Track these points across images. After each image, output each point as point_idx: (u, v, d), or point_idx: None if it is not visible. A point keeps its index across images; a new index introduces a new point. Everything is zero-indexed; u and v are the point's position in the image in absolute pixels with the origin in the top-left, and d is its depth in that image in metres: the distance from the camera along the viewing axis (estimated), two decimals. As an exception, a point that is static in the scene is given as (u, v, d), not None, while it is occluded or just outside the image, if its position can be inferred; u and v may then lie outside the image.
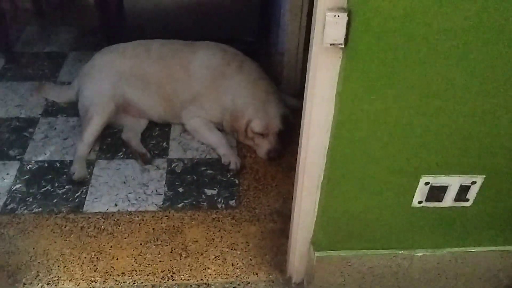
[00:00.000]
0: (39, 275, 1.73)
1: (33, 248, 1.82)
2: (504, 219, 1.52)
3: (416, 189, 1.41)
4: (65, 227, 1.90)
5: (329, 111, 1.26)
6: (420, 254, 1.58)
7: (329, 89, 1.22)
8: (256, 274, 1.77)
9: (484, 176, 1.39)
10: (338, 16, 1.08)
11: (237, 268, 1.78)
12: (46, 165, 2.16)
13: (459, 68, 1.15)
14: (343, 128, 1.28)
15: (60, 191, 2.04)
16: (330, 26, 1.09)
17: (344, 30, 1.09)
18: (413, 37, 1.10)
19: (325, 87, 1.22)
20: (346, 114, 1.25)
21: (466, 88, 1.19)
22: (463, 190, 1.42)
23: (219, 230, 1.92)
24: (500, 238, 1.57)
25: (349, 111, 1.24)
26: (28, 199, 2.00)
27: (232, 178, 2.15)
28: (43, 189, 2.05)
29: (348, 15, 1.08)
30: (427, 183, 1.40)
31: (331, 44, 1.12)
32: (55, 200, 2.00)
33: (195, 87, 2.28)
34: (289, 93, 2.53)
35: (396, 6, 1.06)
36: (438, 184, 1.40)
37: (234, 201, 2.04)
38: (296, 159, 2.20)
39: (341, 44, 1.12)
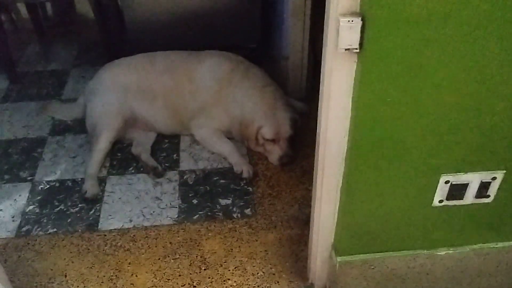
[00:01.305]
0: (59, 296, 1.72)
1: (51, 270, 1.81)
2: (526, 213, 1.50)
3: (436, 189, 1.40)
4: (81, 246, 1.89)
5: (346, 116, 1.25)
6: (442, 253, 1.57)
7: (345, 94, 1.21)
8: (277, 282, 1.76)
9: (505, 171, 1.37)
10: (352, 21, 1.07)
11: (258, 278, 1.77)
12: (58, 184, 2.15)
13: (476, 66, 1.14)
14: (360, 132, 1.27)
15: (74, 210, 2.03)
16: (344, 31, 1.08)
17: (358, 35, 1.08)
18: (428, 38, 1.09)
19: (340, 92, 1.21)
20: (363, 117, 1.24)
21: (483, 85, 1.18)
22: (484, 187, 1.41)
23: (237, 240, 1.90)
24: (523, 233, 1.55)
25: (366, 115, 1.23)
26: (42, 220, 1.99)
27: (246, 187, 2.14)
28: (56, 209, 2.04)
29: (362, 20, 1.07)
30: (447, 182, 1.38)
31: (345, 49, 1.11)
32: (70, 219, 1.99)
33: (203, 97, 2.27)
34: (295, 97, 2.52)
35: (409, 9, 1.05)
36: (459, 182, 1.39)
37: (249, 209, 2.03)
38: (308, 163, 2.22)
39: (356, 49, 1.11)
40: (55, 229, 1.95)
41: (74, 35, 3.29)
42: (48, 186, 2.14)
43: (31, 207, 2.04)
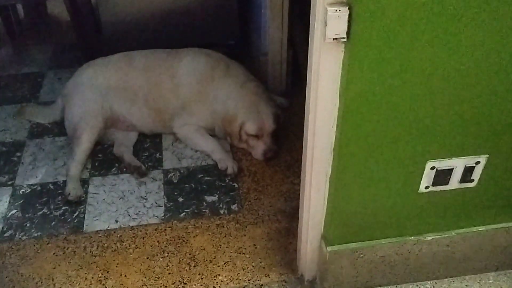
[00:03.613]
0: (47, 300, 1.69)
1: (38, 274, 1.77)
2: (508, 196, 1.54)
3: (422, 175, 1.43)
4: (67, 249, 1.86)
5: (334, 105, 1.26)
6: (429, 238, 1.60)
7: (333, 84, 1.22)
8: (268, 275, 1.76)
9: (488, 155, 1.41)
10: (340, 10, 1.08)
11: (248, 272, 1.77)
12: (39, 188, 2.11)
13: (461, 52, 1.17)
14: (348, 122, 1.28)
15: (57, 213, 2.00)
16: (332, 21, 1.09)
17: (346, 24, 1.10)
18: (414, 25, 1.11)
19: (328, 82, 1.22)
20: (351, 107, 1.25)
21: (467, 71, 1.21)
22: (468, 171, 1.44)
23: (225, 236, 1.90)
24: (506, 215, 1.59)
25: (354, 104, 1.25)
26: (25, 224, 1.95)
27: (231, 183, 2.13)
28: (39, 213, 2.00)
29: (349, 9, 1.08)
30: (433, 168, 1.41)
31: (333, 39, 1.13)
32: (54, 222, 1.96)
33: (184, 95, 2.26)
34: (276, 92, 2.54)
35: (395, -4, 1.07)
36: (444, 168, 1.42)
37: (236, 205, 2.03)
38: (292, 157, 2.24)
39: (344, 38, 1.12)
40: (39, 233, 1.92)
41: (48, 36, 3.23)
42: (29, 190, 2.10)
43: (13, 212, 2.00)
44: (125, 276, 1.76)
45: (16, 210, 2.01)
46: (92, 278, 1.76)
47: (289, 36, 2.42)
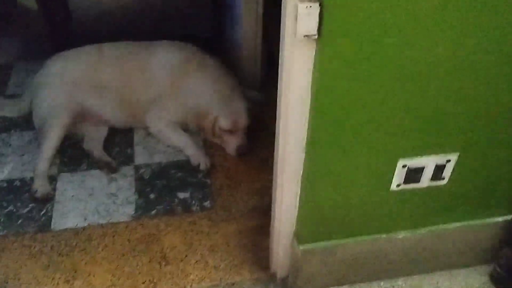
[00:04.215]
0: (12, 301, 1.64)
1: (3, 273, 1.72)
2: (478, 194, 1.56)
3: (394, 173, 1.42)
4: (34, 248, 1.81)
5: (305, 103, 1.24)
6: (401, 236, 1.60)
7: (304, 81, 1.20)
8: (240, 274, 1.74)
9: (458, 153, 1.41)
10: (310, 7, 1.05)
11: (220, 270, 1.75)
12: (5, 184, 2.04)
13: (430, 50, 1.16)
14: (320, 119, 1.26)
15: (24, 211, 1.94)
16: (302, 18, 1.07)
17: (317, 21, 1.07)
18: (384, 22, 1.10)
19: (300, 80, 1.20)
20: (322, 104, 1.23)
21: (436, 70, 1.20)
22: (439, 169, 1.44)
23: (197, 234, 1.87)
24: (476, 212, 1.61)
25: (325, 101, 1.23)
26: (-10, 222, 1.89)
27: (204, 179, 2.10)
28: (5, 210, 1.93)
29: (320, 5, 1.06)
30: (404, 166, 1.41)
31: (304, 36, 1.10)
32: (20, 220, 1.90)
33: (156, 89, 2.21)
34: (250, 86, 2.50)
35: (367, -7, 1.05)
36: (415, 166, 1.42)
37: (208, 202, 2.00)
38: (265, 152, 2.21)
39: (315, 35, 1.10)
40: (5, 231, 1.86)
41: (16, 26, 3.11)
42: (-5, 186, 2.04)
43: (-23, 209, 1.94)
44: (94, 276, 1.72)
45: (-20, 208, 1.95)
46: (60, 278, 1.71)
47: (263, 30, 2.38)
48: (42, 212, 1.94)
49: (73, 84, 2.20)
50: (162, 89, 2.22)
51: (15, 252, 1.79)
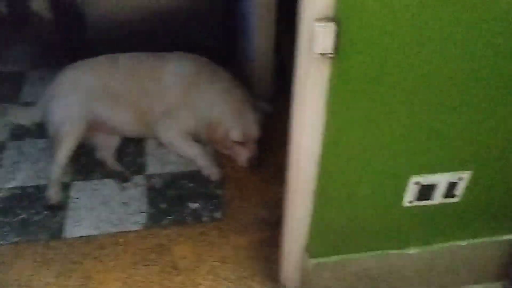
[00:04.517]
0: (24, 309, 1.66)
1: (16, 280, 1.73)
2: (490, 211, 1.55)
3: (406, 190, 1.43)
4: (47, 255, 1.82)
5: (320, 119, 1.25)
6: (412, 252, 1.60)
7: (319, 98, 1.21)
8: (250, 286, 1.75)
9: (471, 171, 1.42)
10: (327, 26, 1.07)
11: (230, 282, 1.76)
12: (19, 191, 2.07)
13: (446, 67, 1.17)
14: (333, 136, 1.28)
15: (37, 218, 1.96)
16: (319, 36, 1.08)
17: (333, 40, 1.09)
18: (400, 42, 1.11)
19: (314, 96, 1.21)
20: (336, 121, 1.25)
21: (451, 87, 1.21)
22: (451, 187, 1.45)
23: (207, 244, 1.88)
24: (488, 230, 1.60)
25: (339, 118, 1.24)
26: (3, 229, 1.91)
27: (215, 190, 2.12)
28: (18, 217, 1.95)
29: (336, 24, 1.07)
30: (417, 183, 1.42)
31: (320, 54, 1.12)
32: (33, 228, 1.92)
33: (168, 100, 2.24)
34: (261, 97, 2.52)
35: (383, 12, 1.06)
36: (427, 183, 1.42)
37: (219, 213, 2.01)
38: (276, 164, 2.22)
39: (331, 54, 1.11)
40: (18, 238, 1.87)
41: (31, 35, 3.16)
42: (9, 193, 2.05)
43: (-9, 216, 1.96)
44: (105, 284, 1.73)
45: (-6, 215, 1.97)
46: (72, 285, 1.73)
47: (276, 42, 2.40)
48: (55, 220, 1.96)
49: (87, 93, 2.22)
50: (174, 100, 2.24)
51: (28, 260, 1.81)
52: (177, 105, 2.24)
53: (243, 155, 2.19)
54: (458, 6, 1.07)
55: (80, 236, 1.90)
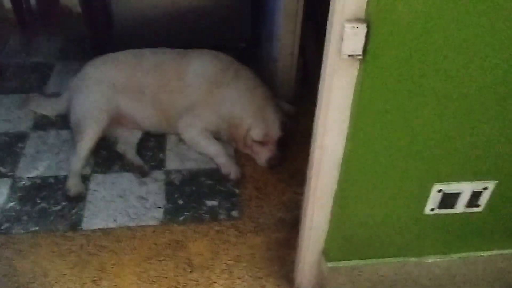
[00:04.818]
0: (40, 297, 1.67)
1: (32, 269, 1.75)
2: (513, 223, 1.52)
3: (428, 197, 1.41)
4: (63, 245, 1.84)
5: (345, 122, 1.24)
6: (430, 260, 1.58)
7: (345, 100, 1.20)
8: (264, 286, 1.74)
9: (496, 181, 1.39)
10: (357, 27, 1.06)
11: (244, 281, 1.75)
12: (40, 181, 2.09)
13: (478, 74, 1.15)
14: (358, 139, 1.26)
15: (56, 208, 1.98)
16: (348, 38, 1.07)
17: (363, 42, 1.08)
18: (431, 46, 1.09)
19: (341, 98, 1.20)
20: (361, 124, 1.23)
21: (482, 95, 1.19)
22: (475, 196, 1.42)
23: (224, 243, 1.88)
24: (509, 242, 1.57)
25: (365, 122, 1.23)
26: (23, 217, 1.93)
27: (232, 188, 2.11)
28: (38, 207, 1.98)
29: (367, 26, 1.06)
30: (439, 191, 1.39)
31: (349, 56, 1.10)
32: (52, 218, 1.94)
33: (191, 96, 2.24)
34: (284, 98, 2.51)
35: (415, 15, 1.04)
36: (451, 191, 1.40)
37: (236, 211, 2.01)
38: (295, 165, 2.21)
39: (360, 56, 1.10)
40: (36, 228, 1.90)
41: (59, 28, 3.20)
42: (29, 182, 2.08)
43: (11, 204, 1.98)
44: (120, 277, 1.74)
45: (14, 203, 1.99)
46: (87, 277, 1.74)
47: (301, 43, 2.39)
48: (74, 211, 1.97)
49: (111, 87, 2.24)
50: (197, 97, 2.25)
51: (45, 249, 1.83)
52: (200, 102, 2.24)
53: (263, 155, 2.18)
54: (494, 9, 1.04)
55: (98, 228, 1.91)
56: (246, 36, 2.69)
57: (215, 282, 1.74)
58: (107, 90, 2.23)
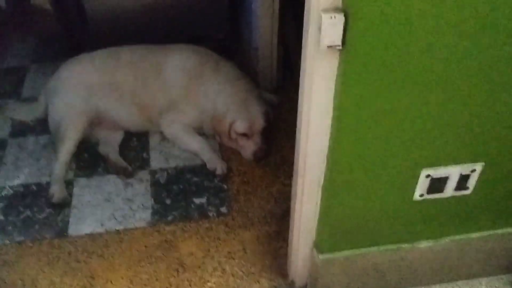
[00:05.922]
0: (30, 309, 1.64)
1: (21, 280, 1.72)
2: (503, 203, 1.51)
3: (417, 183, 1.39)
4: (51, 254, 1.80)
5: (327, 113, 1.22)
6: (422, 245, 1.57)
7: (327, 91, 1.17)
8: (258, 281, 1.73)
9: (483, 163, 1.38)
10: (335, 17, 1.03)
11: (237, 278, 1.73)
12: (22, 189, 2.04)
13: (458, 61, 1.13)
14: (342, 129, 1.24)
15: (41, 216, 1.94)
16: (326, 28, 1.04)
17: (341, 32, 1.04)
18: (409, 33, 1.06)
19: (322, 89, 1.17)
20: (345, 115, 1.21)
21: (464, 80, 1.17)
22: (463, 179, 1.41)
23: (214, 240, 1.86)
24: (500, 222, 1.57)
25: (348, 112, 1.20)
26: (7, 228, 1.89)
27: (220, 184, 2.08)
28: (22, 216, 1.93)
29: (344, 16, 1.03)
30: (428, 176, 1.38)
31: (328, 47, 1.07)
32: (37, 226, 1.90)
33: (172, 93, 2.20)
34: (266, 88, 2.48)
35: (393, 3, 1.01)
36: (439, 176, 1.38)
37: (224, 207, 1.98)
38: (282, 156, 2.19)
39: (339, 46, 1.07)
40: (22, 237, 1.86)
41: (31, 28, 3.11)
42: (11, 191, 2.03)
43: (-6, 215, 1.94)
44: (111, 282, 1.71)
45: (-3, 213, 1.95)
46: (77, 284, 1.71)
47: (280, 31, 2.35)
48: (59, 218, 1.93)
49: (89, 88, 2.19)
50: (178, 93, 2.20)
51: (33, 258, 1.79)
52: (181, 98, 2.20)
53: (248, 148, 2.15)
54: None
55: (85, 234, 1.87)
56: (224, 26, 2.63)
57: (208, 281, 1.72)
58: (84, 92, 2.17)
